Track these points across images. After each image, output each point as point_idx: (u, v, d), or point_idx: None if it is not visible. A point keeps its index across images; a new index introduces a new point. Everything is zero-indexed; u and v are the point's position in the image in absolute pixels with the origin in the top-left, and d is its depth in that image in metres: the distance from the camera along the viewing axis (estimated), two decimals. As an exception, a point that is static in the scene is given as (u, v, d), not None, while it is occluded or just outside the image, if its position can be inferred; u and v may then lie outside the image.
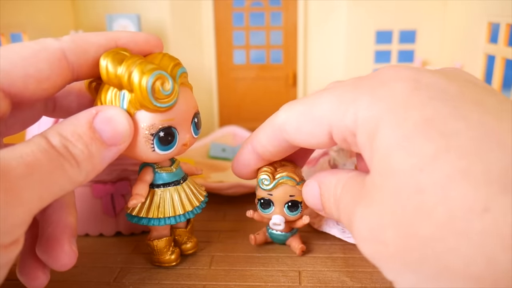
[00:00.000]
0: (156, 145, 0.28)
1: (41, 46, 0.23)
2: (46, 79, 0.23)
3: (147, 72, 0.25)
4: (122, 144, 0.25)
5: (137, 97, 0.26)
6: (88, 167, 0.23)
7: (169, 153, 0.29)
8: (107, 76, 0.26)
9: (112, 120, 0.25)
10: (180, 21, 0.63)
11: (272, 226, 0.35)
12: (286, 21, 0.64)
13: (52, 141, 0.21)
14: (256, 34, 0.65)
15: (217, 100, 0.67)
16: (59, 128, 0.23)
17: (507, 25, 0.44)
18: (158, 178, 0.32)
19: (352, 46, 0.62)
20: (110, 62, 0.25)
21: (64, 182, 0.22)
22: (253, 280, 0.32)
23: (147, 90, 0.25)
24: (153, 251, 0.33)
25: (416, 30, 0.61)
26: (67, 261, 0.26)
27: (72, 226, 0.27)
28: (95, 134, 0.23)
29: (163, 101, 0.26)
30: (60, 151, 0.21)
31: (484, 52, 0.49)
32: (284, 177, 0.33)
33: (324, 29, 0.64)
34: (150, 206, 0.32)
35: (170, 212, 0.32)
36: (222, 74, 0.67)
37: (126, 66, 0.25)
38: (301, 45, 0.64)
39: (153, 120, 0.27)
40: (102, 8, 0.62)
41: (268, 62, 0.66)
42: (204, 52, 0.66)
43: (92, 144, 0.23)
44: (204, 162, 0.54)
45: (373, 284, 0.32)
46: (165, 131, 0.28)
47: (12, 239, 0.20)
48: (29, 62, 0.23)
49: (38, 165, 0.20)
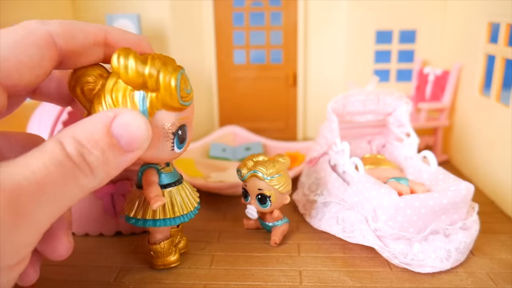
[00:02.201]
0: (176, 143, 0.28)
1: (27, 31, 0.22)
2: (38, 65, 0.22)
3: (173, 72, 0.26)
4: (139, 149, 0.23)
5: (163, 96, 0.26)
6: (102, 174, 0.21)
7: (182, 150, 0.29)
8: (128, 75, 0.25)
9: (131, 125, 0.23)
10: (180, 21, 0.63)
11: (247, 215, 0.37)
12: (286, 21, 0.64)
13: (67, 148, 0.20)
14: (256, 34, 0.65)
15: (217, 100, 0.67)
16: (74, 133, 0.21)
17: (507, 25, 0.44)
18: (163, 178, 0.31)
19: (352, 46, 0.62)
20: (133, 60, 0.25)
21: (76, 192, 0.20)
22: (253, 280, 0.32)
23: (176, 89, 0.26)
24: (158, 254, 0.33)
25: (416, 30, 0.61)
26: (64, 252, 0.26)
27: (68, 218, 0.27)
28: (112, 140, 0.22)
29: (186, 99, 0.27)
30: (75, 161, 0.20)
31: (484, 52, 0.49)
32: (254, 170, 0.35)
33: (324, 29, 0.64)
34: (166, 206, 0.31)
35: (184, 210, 0.32)
36: (222, 74, 0.67)
37: (153, 66, 0.25)
38: (301, 45, 0.64)
39: (173, 119, 0.27)
40: (102, 8, 0.62)
41: (268, 62, 0.66)
42: (204, 52, 0.66)
43: (109, 151, 0.21)
44: (204, 162, 0.54)
45: (373, 284, 0.32)
46: (181, 129, 0.28)
47: (18, 259, 0.19)
48: (19, 49, 0.21)
49: (50, 181, 0.19)
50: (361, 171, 0.38)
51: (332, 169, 0.42)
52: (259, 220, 0.39)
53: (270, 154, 0.57)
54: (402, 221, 0.33)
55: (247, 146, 0.59)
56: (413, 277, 0.33)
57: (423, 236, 0.33)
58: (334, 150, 0.42)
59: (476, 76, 0.51)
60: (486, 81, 0.50)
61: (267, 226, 0.38)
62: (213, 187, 0.46)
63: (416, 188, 0.37)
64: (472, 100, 0.52)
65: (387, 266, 0.34)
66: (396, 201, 0.33)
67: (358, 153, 0.47)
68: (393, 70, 0.63)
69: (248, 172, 0.36)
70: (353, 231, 0.35)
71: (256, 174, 0.36)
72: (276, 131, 0.68)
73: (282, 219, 0.38)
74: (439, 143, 0.58)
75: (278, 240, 0.37)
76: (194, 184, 0.45)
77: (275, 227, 0.38)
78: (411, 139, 0.43)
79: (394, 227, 0.33)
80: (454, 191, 0.34)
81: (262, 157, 0.37)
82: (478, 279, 0.32)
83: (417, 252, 0.33)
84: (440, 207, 0.33)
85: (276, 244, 0.37)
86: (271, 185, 0.35)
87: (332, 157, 0.43)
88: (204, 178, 0.49)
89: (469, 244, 0.34)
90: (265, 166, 0.35)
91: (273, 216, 0.37)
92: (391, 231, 0.33)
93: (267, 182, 0.35)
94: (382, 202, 0.33)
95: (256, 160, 0.37)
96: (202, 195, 0.47)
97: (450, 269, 0.33)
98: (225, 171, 0.52)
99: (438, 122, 0.57)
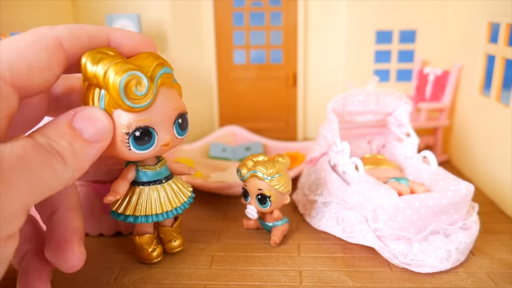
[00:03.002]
0: (132, 144, 0.28)
1: (38, 36, 0.24)
2: (47, 69, 0.24)
3: (121, 72, 0.25)
4: (103, 140, 0.26)
5: (111, 96, 0.26)
6: (73, 164, 0.23)
7: (146, 152, 0.29)
8: (85, 74, 0.26)
9: (91, 118, 0.25)
10: (180, 21, 0.63)
11: (247, 215, 0.37)
12: (286, 21, 0.64)
13: (38, 140, 0.22)
14: (256, 34, 0.65)
15: (217, 100, 0.67)
16: (42, 130, 0.23)
17: (507, 25, 0.44)
18: (141, 175, 0.32)
19: (352, 46, 0.62)
20: (89, 60, 0.26)
21: (52, 178, 0.22)
22: (253, 280, 0.32)
23: (119, 89, 0.26)
24: (136, 247, 0.34)
25: (416, 30, 0.61)
26: (76, 262, 0.27)
27: (80, 229, 0.28)
28: (75, 132, 0.24)
29: (136, 101, 0.26)
30: (46, 148, 0.22)
31: (484, 52, 0.49)
32: (254, 170, 0.35)
33: (324, 29, 0.64)
34: (137, 204, 0.32)
35: (158, 209, 0.32)
36: (222, 74, 0.67)
37: (102, 65, 0.26)
38: (301, 45, 0.64)
39: (129, 120, 0.27)
40: (102, 8, 0.62)
41: (268, 62, 0.66)
42: (204, 52, 0.66)
43: (74, 142, 0.24)
44: (204, 162, 0.54)
45: (373, 284, 0.32)
46: (141, 131, 0.28)
47: (9, 232, 0.20)
48: (30, 53, 0.23)
49: (28, 158, 0.21)
50: (361, 171, 0.38)
51: (332, 169, 0.42)
52: (259, 220, 0.39)
53: (270, 154, 0.57)
54: (402, 221, 0.33)
55: (247, 146, 0.59)
56: (413, 277, 0.33)
57: (423, 236, 0.33)
58: (334, 150, 0.42)
59: (476, 76, 0.51)
60: (486, 81, 0.50)
61: (267, 226, 0.38)
62: (213, 187, 0.46)
63: (416, 188, 0.37)
64: (472, 100, 0.52)
65: (387, 266, 0.34)
66: (396, 201, 0.32)
67: (358, 153, 0.47)
68: (393, 70, 0.63)
69: (248, 172, 0.36)
70: (353, 231, 0.35)
71: (256, 174, 0.35)
72: (276, 131, 0.68)
73: (282, 219, 0.38)
74: (439, 143, 0.58)
75: (278, 240, 0.37)
76: (194, 184, 0.45)
77: (275, 227, 0.38)
78: (411, 139, 0.43)
79: (394, 227, 0.33)
80: (454, 191, 0.34)
81: (262, 157, 0.37)
82: (478, 279, 0.32)
83: (417, 252, 0.33)
84: (440, 207, 0.33)
85: (276, 244, 0.37)
86: (271, 185, 0.35)
87: (332, 157, 0.43)
88: (204, 178, 0.49)
89: (469, 244, 0.34)
90: (265, 166, 0.35)
91: (273, 216, 0.37)
92: (391, 231, 0.33)
93: (267, 182, 0.35)
94: (382, 202, 0.33)
95: (256, 160, 0.37)
96: (202, 195, 0.47)
97: (450, 269, 0.33)
98: (225, 171, 0.52)
99: (438, 122, 0.57)
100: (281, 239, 0.37)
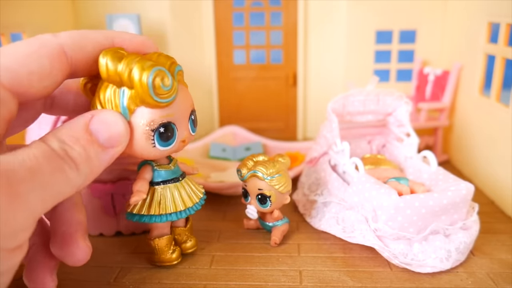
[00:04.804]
0: (157, 140, 0.28)
1: (40, 43, 0.24)
2: (48, 76, 0.24)
3: (147, 68, 0.26)
4: (119, 146, 0.26)
5: (138, 93, 0.26)
6: (86, 170, 0.23)
7: (169, 149, 0.29)
8: (107, 74, 0.26)
9: (108, 123, 0.25)
10: (180, 21, 0.63)
11: (247, 215, 0.37)
12: (286, 21, 0.64)
13: (51, 145, 0.22)
14: (256, 34, 0.65)
15: (217, 100, 0.67)
16: (57, 133, 0.23)
17: (507, 25, 0.44)
18: (157, 175, 0.32)
19: (352, 46, 0.62)
20: (110, 59, 0.26)
21: (64, 184, 0.22)
22: (254, 280, 0.32)
23: (148, 85, 0.26)
24: (154, 250, 0.34)
25: (416, 30, 0.61)
26: (82, 256, 0.27)
27: (83, 223, 0.28)
28: (91, 137, 0.24)
29: (163, 96, 0.27)
30: (59, 154, 0.22)
31: (484, 52, 0.49)
32: (254, 170, 0.35)
33: (324, 29, 0.64)
34: (151, 203, 0.32)
35: (172, 208, 0.32)
36: (222, 74, 0.67)
37: (126, 63, 0.26)
38: (301, 45, 0.64)
39: (153, 116, 0.27)
40: (102, 8, 0.62)
41: (268, 62, 0.66)
42: (204, 52, 0.66)
43: (89, 147, 0.23)
44: (204, 162, 0.54)
45: (373, 284, 0.32)
46: (165, 127, 0.28)
47: (16, 244, 0.20)
48: (31, 59, 0.23)
49: (39, 168, 0.20)
50: (361, 171, 0.38)
51: (332, 169, 0.42)
52: (259, 220, 0.39)
53: (270, 154, 0.57)
54: (402, 221, 0.33)
55: (247, 146, 0.59)
56: (413, 277, 0.33)
57: (423, 236, 0.33)
58: (334, 150, 0.42)
59: (476, 76, 0.51)
60: (486, 81, 0.50)
61: (267, 226, 0.38)
62: (213, 187, 0.46)
63: (416, 188, 0.37)
64: (472, 100, 0.52)
65: (387, 266, 0.34)
66: (396, 201, 0.33)
67: (358, 153, 0.47)
68: (393, 70, 0.63)
69: (248, 172, 0.36)
70: (353, 231, 0.35)
71: (256, 174, 0.36)
72: (276, 131, 0.68)
73: (282, 219, 0.38)
74: (439, 143, 0.58)
75: (278, 240, 0.37)
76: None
77: (275, 227, 0.38)
78: (411, 139, 0.43)
79: (394, 227, 0.33)
80: (454, 191, 0.34)
81: (262, 157, 0.37)
82: (478, 279, 0.32)
83: (417, 252, 0.33)
84: (440, 207, 0.33)
85: (276, 244, 0.37)
86: (271, 185, 0.35)
87: (332, 157, 0.43)
88: (204, 178, 0.49)
89: (469, 244, 0.34)
90: (265, 166, 0.35)
91: (273, 216, 0.37)
92: (391, 231, 0.33)
93: (267, 182, 0.35)
94: (382, 202, 0.33)
95: (256, 160, 0.37)
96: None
97: (450, 269, 0.33)
98: (225, 171, 0.52)
99: (438, 122, 0.57)
100: (281, 239, 0.37)
